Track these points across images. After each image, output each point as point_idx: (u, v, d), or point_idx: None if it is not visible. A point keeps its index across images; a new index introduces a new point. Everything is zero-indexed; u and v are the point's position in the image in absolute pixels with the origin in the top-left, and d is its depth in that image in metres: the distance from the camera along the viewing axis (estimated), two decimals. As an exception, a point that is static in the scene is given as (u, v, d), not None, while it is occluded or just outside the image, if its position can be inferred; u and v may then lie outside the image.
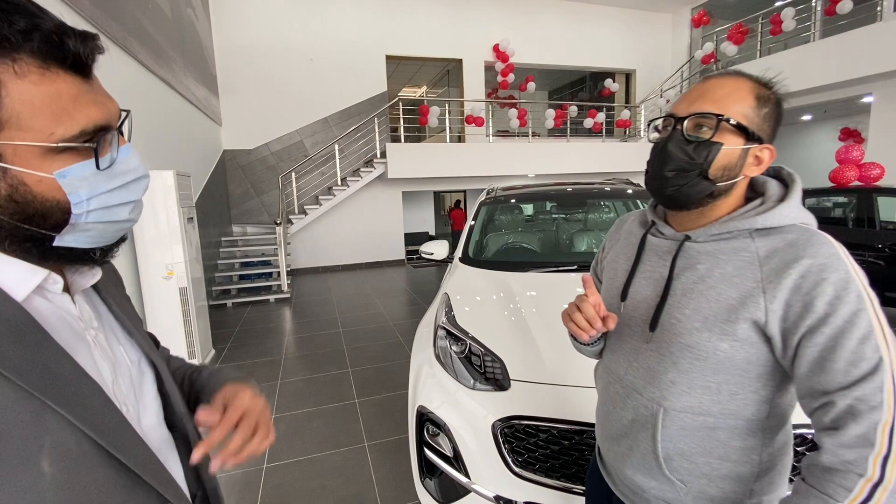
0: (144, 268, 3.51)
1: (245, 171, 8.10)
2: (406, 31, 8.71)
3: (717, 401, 0.70)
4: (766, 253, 0.67)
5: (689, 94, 0.72)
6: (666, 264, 0.76)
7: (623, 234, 0.91)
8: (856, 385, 0.58)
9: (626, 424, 0.80)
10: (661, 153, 0.72)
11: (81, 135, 0.42)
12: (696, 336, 0.69)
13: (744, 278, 0.67)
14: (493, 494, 1.44)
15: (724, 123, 0.67)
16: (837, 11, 6.87)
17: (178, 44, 5.42)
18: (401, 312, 5.35)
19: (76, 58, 0.42)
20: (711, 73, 0.66)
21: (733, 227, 0.70)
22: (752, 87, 0.69)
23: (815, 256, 0.63)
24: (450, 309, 2.00)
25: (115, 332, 0.57)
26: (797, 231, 0.67)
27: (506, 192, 3.20)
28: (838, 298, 0.60)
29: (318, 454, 2.45)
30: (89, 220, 0.45)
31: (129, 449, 0.45)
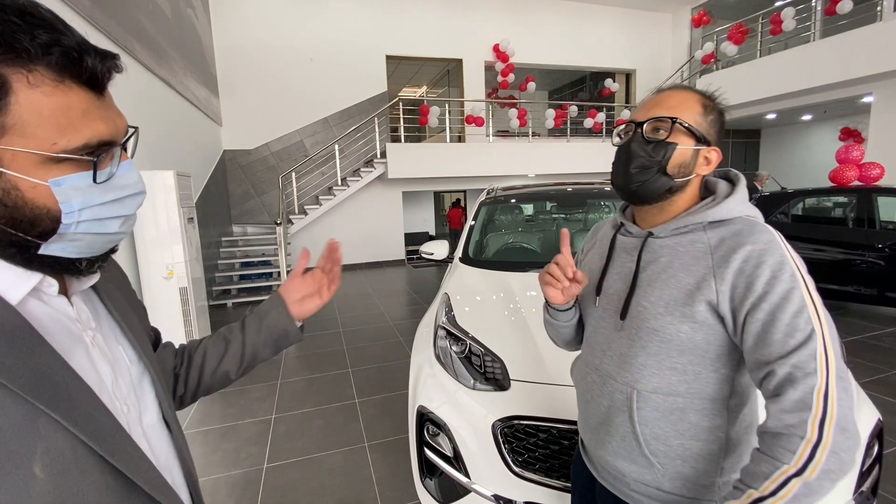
0: (145, 268, 3.51)
1: (245, 171, 8.10)
2: (406, 31, 8.71)
3: (683, 380, 0.77)
4: (715, 242, 0.76)
5: (646, 104, 0.82)
6: (633, 259, 0.85)
7: (598, 237, 1.01)
8: (792, 353, 0.65)
9: (604, 411, 0.86)
10: (625, 153, 0.81)
11: (84, 148, 0.42)
12: (660, 320, 0.77)
13: (698, 266, 0.76)
14: (492, 494, 1.44)
15: (677, 125, 0.77)
16: (837, 11, 6.87)
17: (178, 44, 5.43)
18: (401, 312, 5.35)
19: (92, 74, 0.42)
20: (663, 87, 0.85)
21: (689, 222, 0.79)
22: (698, 98, 0.80)
23: (756, 243, 0.71)
24: (450, 309, 2.00)
25: (114, 333, 0.57)
26: (742, 223, 0.76)
27: (506, 192, 3.21)
28: (774, 278, 0.69)
29: (319, 454, 2.45)
30: (78, 231, 0.45)
31: (122, 453, 0.45)
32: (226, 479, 2.27)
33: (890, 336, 3.93)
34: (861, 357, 3.47)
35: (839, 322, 4.31)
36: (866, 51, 6.25)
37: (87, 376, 0.46)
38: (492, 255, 2.78)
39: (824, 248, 4.48)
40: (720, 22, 9.86)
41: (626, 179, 0.81)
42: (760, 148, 12.64)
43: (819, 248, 4.51)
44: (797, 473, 0.61)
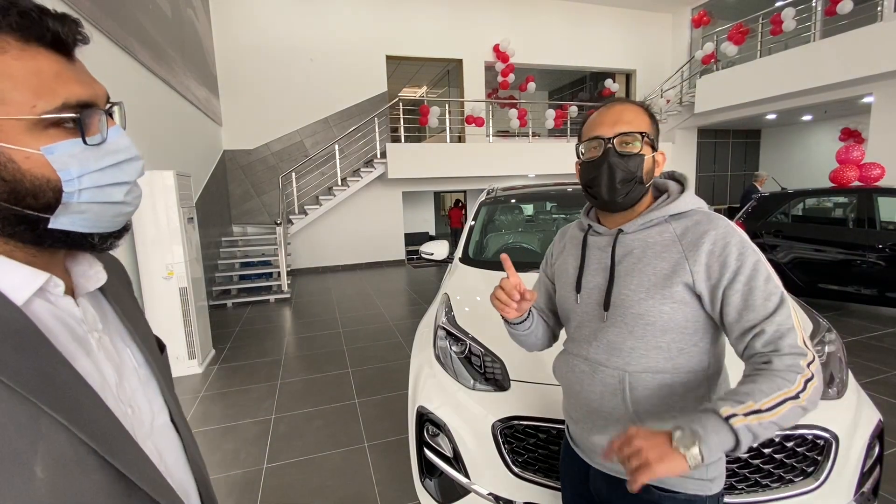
0: (144, 268, 3.51)
1: (245, 171, 8.10)
2: (406, 32, 8.71)
3: (668, 357, 0.86)
4: (681, 231, 0.87)
5: (605, 119, 0.89)
6: (608, 255, 0.93)
7: (567, 239, 1.08)
8: (774, 313, 0.78)
9: (596, 398, 0.92)
10: (606, 169, 0.88)
11: (64, 107, 0.42)
12: (643, 304, 0.86)
13: (670, 252, 0.86)
14: (492, 494, 1.44)
15: (644, 138, 0.87)
16: (838, 11, 6.87)
17: (178, 44, 5.43)
18: (401, 312, 5.35)
19: (56, 36, 0.42)
20: (611, 103, 0.94)
21: (654, 217, 0.89)
22: (644, 110, 0.90)
23: (717, 228, 0.84)
24: (450, 309, 1.99)
25: (121, 335, 0.57)
26: (699, 213, 0.89)
27: (506, 193, 3.20)
28: (742, 255, 0.81)
29: (318, 454, 2.45)
30: (82, 200, 0.45)
31: (124, 455, 0.44)
32: (225, 479, 2.26)
33: (890, 336, 3.93)
34: (861, 357, 3.46)
35: (839, 322, 4.31)
36: (867, 51, 6.25)
37: (91, 378, 0.46)
38: (492, 255, 2.78)
39: (824, 249, 4.48)
40: (720, 22, 9.85)
41: (614, 193, 0.88)
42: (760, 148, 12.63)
43: (819, 249, 4.51)
44: (793, 397, 0.72)
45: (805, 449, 1.30)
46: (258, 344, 4.38)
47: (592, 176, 0.90)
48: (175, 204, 3.56)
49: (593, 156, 0.89)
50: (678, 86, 10.06)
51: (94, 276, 0.54)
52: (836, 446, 1.32)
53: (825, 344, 1.62)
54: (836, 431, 1.33)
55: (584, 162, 0.93)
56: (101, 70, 3.32)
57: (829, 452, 1.32)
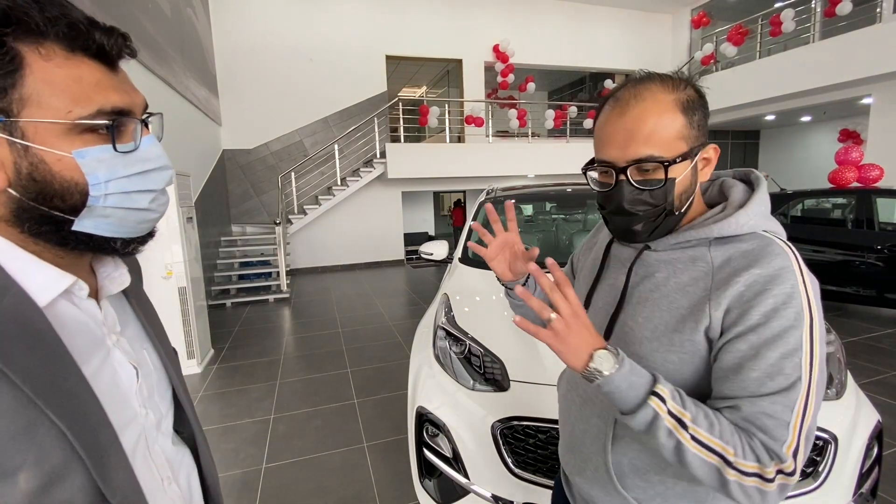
0: (143, 267, 3.42)
1: (245, 170, 8.10)
2: (406, 32, 8.71)
3: None
4: (720, 263, 0.65)
5: (615, 133, 0.66)
6: (625, 272, 0.76)
7: (598, 241, 0.90)
8: (767, 397, 0.58)
9: (580, 435, 0.80)
10: (618, 210, 0.69)
11: (98, 114, 0.43)
12: (645, 346, 0.68)
13: (696, 287, 0.66)
14: (491, 495, 1.44)
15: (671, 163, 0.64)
16: (837, 13, 6.88)
17: (177, 43, 5.42)
18: (400, 313, 5.35)
19: (101, 48, 0.44)
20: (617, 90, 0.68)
21: (692, 237, 0.68)
22: (674, 98, 0.64)
23: (766, 267, 0.61)
24: (449, 309, 1.99)
25: (140, 338, 0.58)
26: (755, 240, 0.65)
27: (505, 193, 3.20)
28: (775, 311, 0.59)
29: (317, 454, 2.45)
30: (108, 205, 0.46)
31: (113, 476, 0.43)
32: (224, 479, 2.26)
33: (889, 337, 3.94)
34: (860, 358, 3.47)
35: (838, 323, 4.31)
36: (865, 52, 6.26)
37: (101, 383, 0.46)
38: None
39: (823, 250, 4.49)
40: (720, 23, 9.87)
41: (633, 235, 0.70)
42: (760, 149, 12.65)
43: (818, 250, 4.52)
44: (727, 462, 0.57)
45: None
46: (257, 344, 4.38)
47: (606, 210, 0.71)
48: (174, 203, 3.55)
49: (605, 182, 0.70)
50: (677, 86, 10.04)
51: (118, 278, 0.55)
52: (835, 447, 1.33)
53: (824, 345, 1.62)
54: (835, 432, 1.34)
55: (595, 188, 0.73)
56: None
57: (827, 453, 1.32)
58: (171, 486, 0.55)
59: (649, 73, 0.67)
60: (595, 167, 0.71)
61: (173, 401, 0.61)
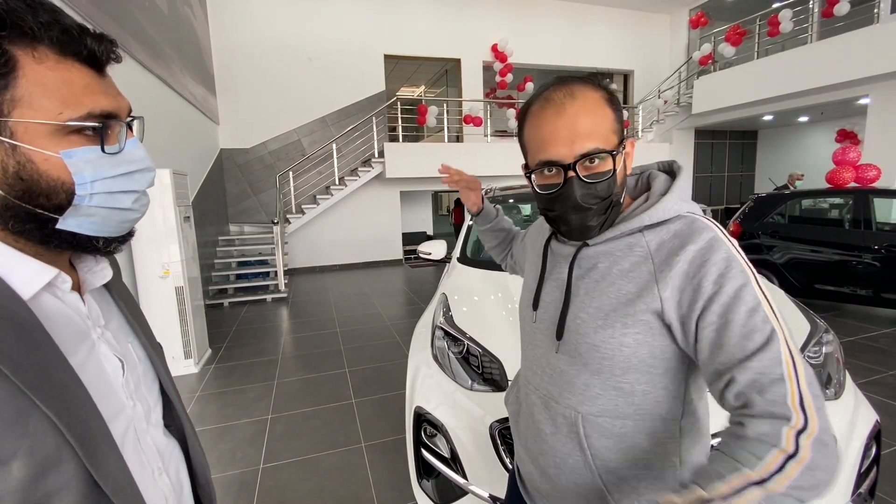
0: (141, 267, 3.49)
1: (242, 170, 8.08)
2: (404, 31, 8.70)
3: (630, 402, 0.70)
4: (655, 246, 0.69)
5: (556, 133, 0.67)
6: (566, 267, 0.77)
7: (541, 234, 0.90)
8: (753, 357, 0.58)
9: (548, 439, 0.77)
10: (573, 207, 0.69)
11: (88, 117, 0.45)
12: (600, 334, 0.69)
13: (639, 272, 0.68)
14: (490, 495, 1.43)
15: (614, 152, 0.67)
16: (835, 13, 6.90)
17: (175, 42, 5.40)
18: (398, 312, 5.34)
19: (91, 53, 0.46)
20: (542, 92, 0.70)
21: (623, 230, 0.71)
22: (600, 95, 0.68)
23: (698, 241, 0.65)
24: (447, 309, 1.99)
25: (124, 331, 0.59)
26: (680, 222, 0.69)
27: (504, 193, 3.20)
28: (722, 276, 0.62)
29: (315, 454, 2.44)
30: (92, 204, 0.47)
31: (105, 464, 0.44)
32: (222, 479, 2.25)
33: (886, 337, 3.95)
34: (857, 358, 3.48)
35: (836, 323, 4.32)
36: (863, 53, 6.28)
37: (87, 374, 0.47)
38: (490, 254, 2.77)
39: (820, 250, 4.50)
40: (718, 23, 9.88)
41: (587, 231, 0.72)
42: (757, 149, 12.68)
43: (815, 250, 4.53)
44: (760, 482, 0.51)
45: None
46: (255, 343, 4.36)
47: (556, 213, 0.72)
48: (171, 203, 3.54)
49: (551, 184, 0.70)
50: (676, 86, 10.08)
51: (100, 272, 0.56)
52: (834, 447, 1.32)
53: (822, 345, 1.62)
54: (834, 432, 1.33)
55: (540, 192, 0.73)
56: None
57: (826, 453, 1.32)
58: (162, 477, 0.56)
59: (568, 76, 0.70)
60: (538, 170, 0.71)
61: (161, 394, 0.62)
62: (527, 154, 0.74)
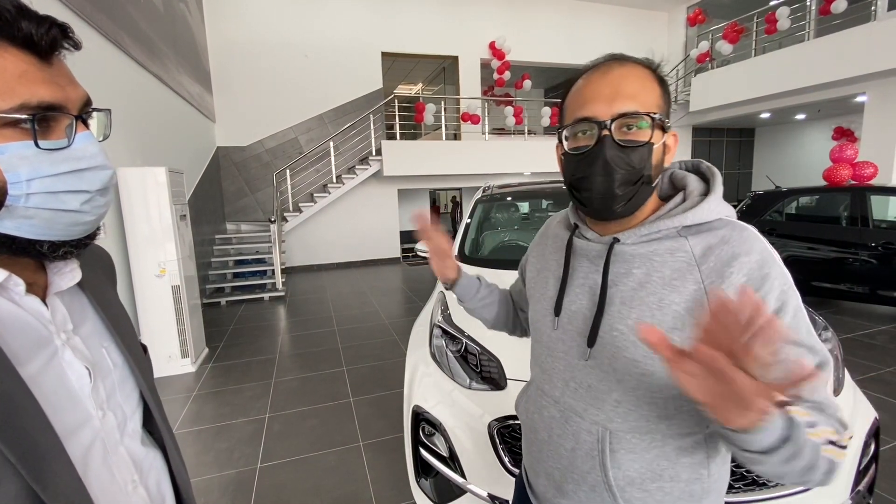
0: (136, 266, 3.47)
1: (239, 168, 8.04)
2: (402, 28, 8.66)
3: (663, 416, 0.65)
4: (700, 251, 0.64)
5: (598, 91, 0.64)
6: (598, 270, 0.70)
7: (550, 239, 0.84)
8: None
9: (567, 454, 0.72)
10: (602, 167, 0.63)
11: (21, 108, 0.40)
12: (641, 349, 0.63)
13: (684, 280, 0.63)
14: (488, 494, 1.43)
15: (655, 120, 0.63)
16: (832, 11, 6.90)
17: (170, 39, 5.36)
18: (396, 311, 5.33)
19: (28, 37, 0.41)
20: (605, 61, 0.67)
21: (662, 227, 0.66)
22: (650, 73, 0.66)
23: (751, 253, 0.61)
24: (445, 307, 1.98)
25: (99, 334, 0.55)
26: (726, 226, 0.65)
27: (502, 190, 3.19)
28: (784, 293, 0.60)
29: (313, 453, 2.43)
30: (30, 205, 0.42)
31: (53, 481, 0.41)
32: (219, 479, 2.24)
33: (883, 334, 3.96)
34: (855, 355, 3.49)
35: (833, 320, 4.34)
36: (860, 50, 6.29)
37: (44, 384, 0.44)
38: (488, 252, 2.77)
39: (818, 247, 4.51)
40: (715, 21, 9.88)
41: (611, 200, 0.65)
42: (755, 147, 12.71)
43: (813, 247, 4.54)
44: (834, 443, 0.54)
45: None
46: (252, 342, 4.35)
47: (582, 175, 0.66)
48: (167, 201, 3.51)
49: (582, 145, 0.65)
50: (673, 84, 10.08)
51: (68, 273, 0.51)
52: (833, 444, 1.32)
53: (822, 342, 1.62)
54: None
55: (568, 153, 0.68)
56: (91, 66, 3.29)
57: (825, 451, 1.32)
58: (138, 490, 0.53)
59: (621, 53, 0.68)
60: (573, 127, 0.66)
61: (142, 400, 0.58)
62: (563, 118, 0.69)
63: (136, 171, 3.43)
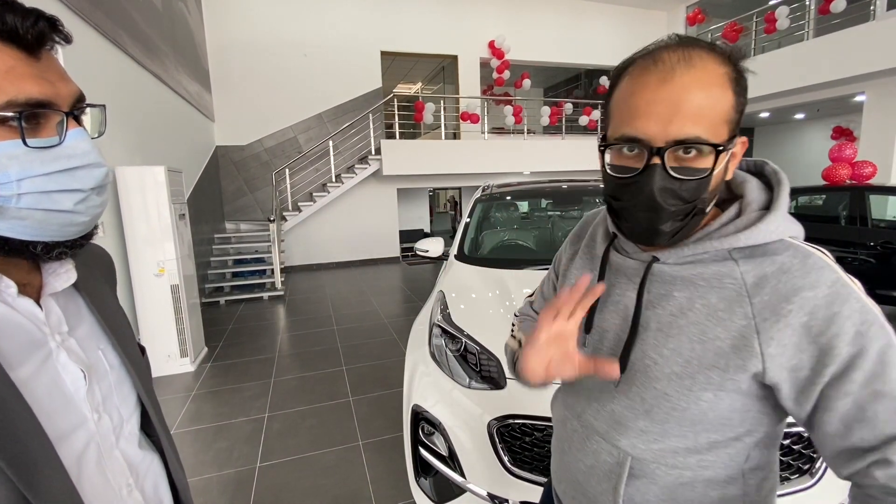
0: (135, 265, 3.46)
1: (238, 167, 8.03)
2: (401, 28, 8.65)
3: (693, 450, 0.59)
4: (753, 280, 0.54)
5: (656, 103, 0.52)
6: (633, 289, 0.63)
7: (586, 241, 0.77)
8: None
9: (584, 470, 0.69)
10: (647, 202, 0.54)
11: (7, 105, 0.39)
12: (675, 384, 0.57)
13: (731, 313, 0.54)
14: (488, 493, 1.43)
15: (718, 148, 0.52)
16: (831, 10, 6.90)
17: (169, 38, 5.35)
18: (396, 310, 5.33)
19: (13, 32, 0.40)
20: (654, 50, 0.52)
21: (710, 248, 0.56)
22: (725, 72, 0.52)
23: (817, 286, 0.51)
24: (445, 307, 1.98)
25: (95, 336, 0.54)
26: (787, 251, 0.55)
27: (501, 190, 3.19)
28: (861, 335, 0.49)
29: (312, 453, 2.43)
30: (22, 206, 0.41)
31: (44, 486, 0.40)
32: (218, 478, 2.24)
33: (881, 333, 3.97)
34: (853, 354, 3.49)
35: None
36: (859, 50, 6.29)
37: (37, 387, 0.43)
38: (487, 252, 2.77)
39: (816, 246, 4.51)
40: (714, 20, 9.89)
41: (654, 234, 0.56)
42: (753, 146, 12.72)
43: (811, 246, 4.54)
44: None
45: (801, 446, 1.30)
46: (251, 342, 4.34)
47: (623, 204, 0.58)
48: (166, 200, 3.51)
49: (627, 166, 0.55)
50: (672, 83, 10.06)
51: (63, 274, 0.51)
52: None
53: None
54: None
55: (611, 173, 0.58)
56: (89, 64, 3.28)
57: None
58: (133, 494, 0.52)
59: (694, 38, 0.54)
60: (617, 146, 0.55)
61: (139, 403, 0.57)
62: (608, 123, 0.59)
63: (134, 170, 3.42)
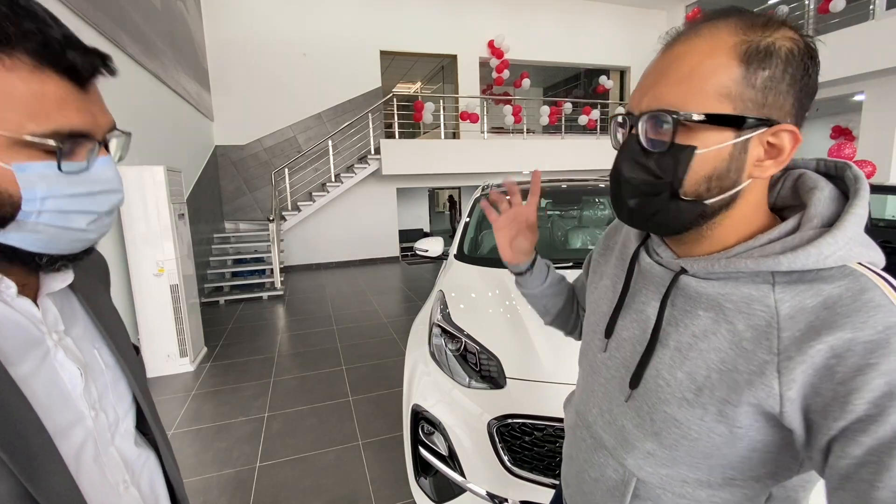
0: (134, 265, 3.46)
1: (237, 166, 8.02)
2: (400, 27, 8.65)
3: (705, 483, 0.53)
4: (788, 312, 0.45)
5: (645, 77, 0.51)
6: (658, 300, 0.57)
7: (620, 240, 0.71)
8: None
9: (590, 481, 0.65)
10: (614, 173, 0.53)
11: (54, 135, 0.41)
12: (685, 411, 0.51)
13: (757, 345, 0.46)
14: (487, 493, 1.43)
15: (686, 121, 0.46)
16: (830, 10, 6.91)
17: (168, 37, 5.34)
18: (395, 310, 5.33)
19: (71, 66, 0.42)
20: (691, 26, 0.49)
21: (745, 268, 0.47)
22: (740, 41, 0.46)
23: (862, 328, 0.41)
24: (445, 306, 1.98)
25: (90, 335, 0.56)
26: (842, 280, 0.44)
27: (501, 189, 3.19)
28: (890, 397, 0.38)
29: (312, 452, 2.43)
30: (40, 221, 0.43)
31: (46, 481, 0.42)
32: (218, 478, 2.24)
33: (880, 332, 3.97)
34: (852, 353, 3.50)
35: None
36: (858, 49, 6.29)
37: (36, 384, 0.45)
38: (487, 251, 2.76)
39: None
40: (714, 19, 9.87)
41: (628, 214, 0.54)
42: (753, 145, 12.72)
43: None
44: None
45: (800, 446, 1.30)
46: (251, 341, 4.34)
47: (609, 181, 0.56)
48: (165, 200, 3.50)
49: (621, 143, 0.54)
50: (672, 83, 10.07)
51: (59, 275, 0.52)
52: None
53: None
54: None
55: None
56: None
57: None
58: (130, 490, 0.54)
59: (739, 8, 0.50)
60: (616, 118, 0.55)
61: (135, 402, 0.59)
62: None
63: (133, 170, 3.41)
